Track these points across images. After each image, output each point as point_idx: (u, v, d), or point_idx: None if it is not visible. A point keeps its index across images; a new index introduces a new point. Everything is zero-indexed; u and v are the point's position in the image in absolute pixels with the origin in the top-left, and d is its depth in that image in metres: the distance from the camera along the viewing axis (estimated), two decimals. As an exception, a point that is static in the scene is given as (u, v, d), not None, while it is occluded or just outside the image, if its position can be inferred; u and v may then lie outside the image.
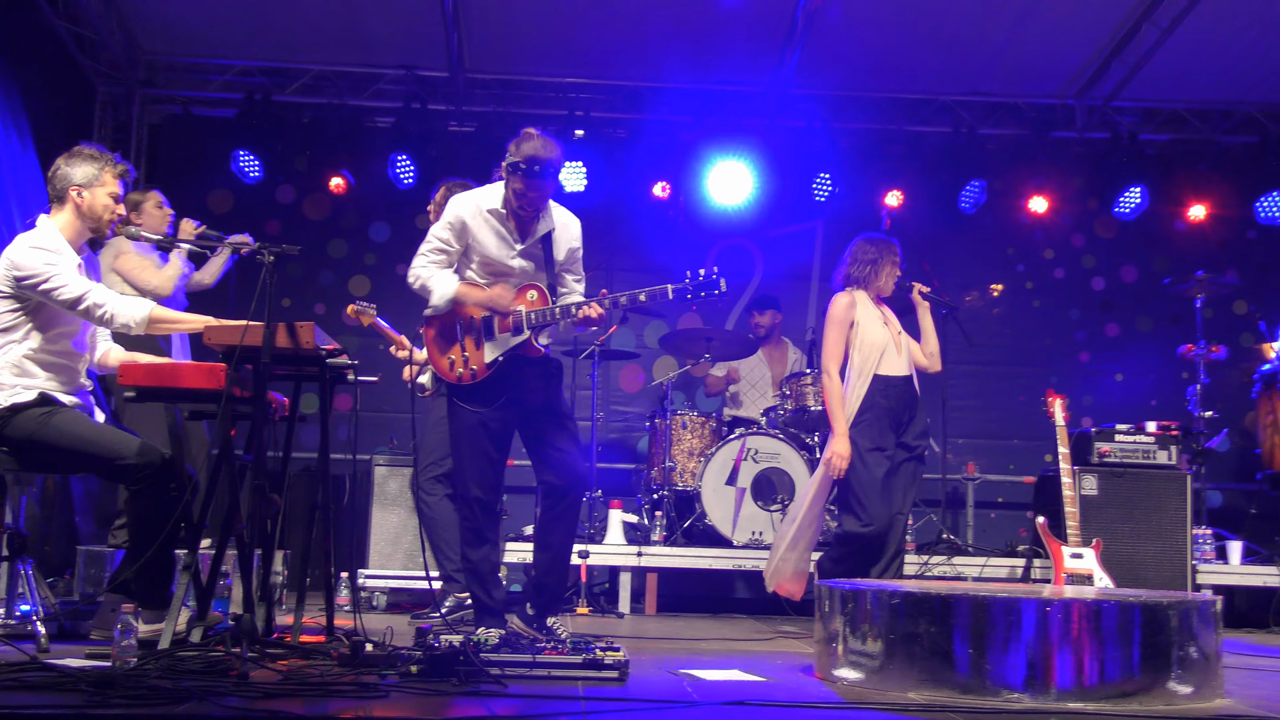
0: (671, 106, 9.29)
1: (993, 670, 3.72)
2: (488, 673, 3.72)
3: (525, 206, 4.77)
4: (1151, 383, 9.41)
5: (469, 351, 4.85)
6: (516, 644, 4.08)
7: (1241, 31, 8.30)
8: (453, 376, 4.85)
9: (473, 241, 4.84)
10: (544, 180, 4.72)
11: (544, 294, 4.88)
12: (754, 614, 7.65)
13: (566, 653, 3.94)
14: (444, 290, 4.81)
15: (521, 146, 4.71)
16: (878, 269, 6.14)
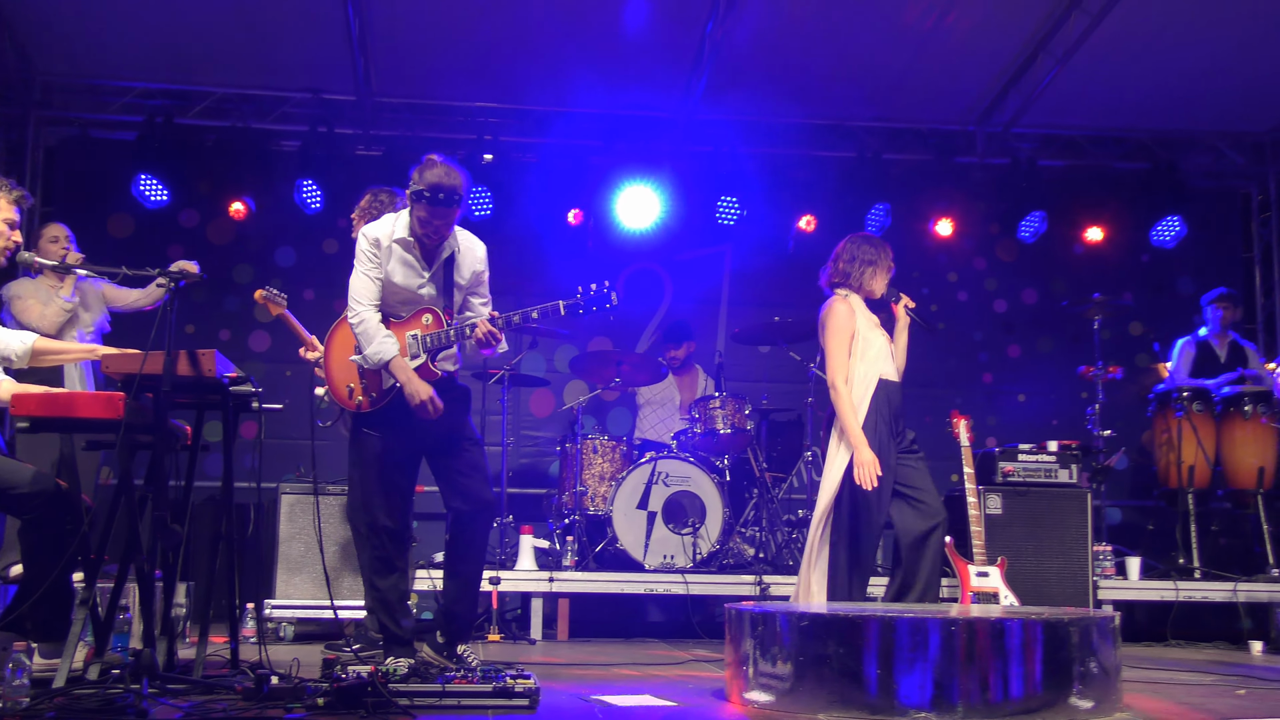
0: (582, 130, 9.31)
1: (901, 690, 3.76)
2: (396, 704, 3.67)
3: (430, 235, 4.74)
4: (1052, 402, 9.62)
5: (367, 378, 4.82)
6: (426, 673, 4.04)
7: (1132, 62, 8.54)
8: (351, 405, 4.81)
9: (384, 271, 4.80)
10: (448, 208, 4.68)
11: (439, 317, 4.85)
12: (667, 638, 7.64)
13: (476, 681, 3.91)
14: (380, 354, 4.71)
15: (425, 174, 4.66)
16: (876, 270, 5.90)
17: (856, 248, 5.92)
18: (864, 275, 5.87)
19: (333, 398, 4.97)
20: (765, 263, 9.60)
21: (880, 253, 5.92)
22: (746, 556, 7.75)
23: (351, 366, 4.83)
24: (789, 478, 8.48)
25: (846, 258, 5.90)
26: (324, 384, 5.96)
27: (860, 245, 5.93)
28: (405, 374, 4.71)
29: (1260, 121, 9.58)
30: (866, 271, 5.88)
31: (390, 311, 4.85)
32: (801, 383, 8.23)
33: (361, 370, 4.80)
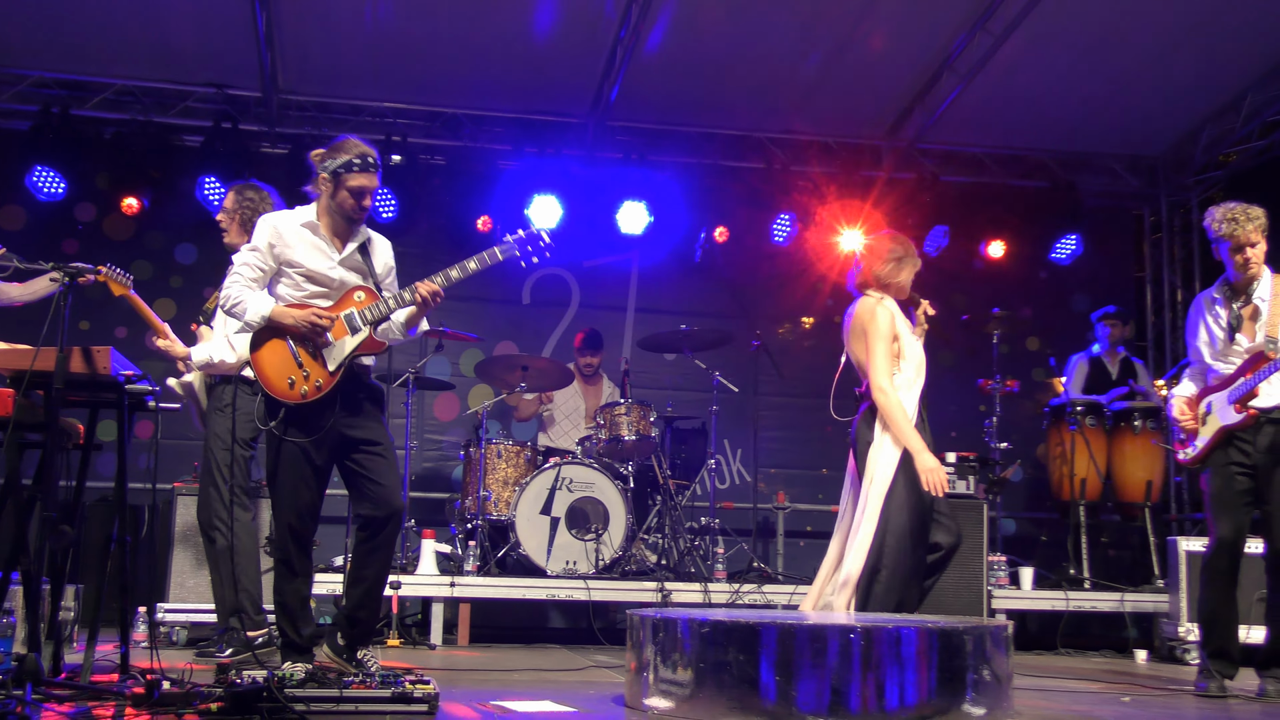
0: (493, 134, 9.29)
1: (799, 696, 3.79)
2: (292, 709, 3.62)
3: (359, 209, 4.71)
4: (951, 415, 9.74)
5: (308, 366, 4.67)
6: (323, 679, 3.98)
7: (1034, 83, 8.74)
8: (295, 395, 4.62)
9: (289, 257, 4.70)
10: (376, 172, 4.71)
11: (372, 292, 4.79)
12: (568, 644, 7.64)
13: (375, 686, 3.87)
14: (258, 308, 4.60)
15: (345, 146, 4.70)
16: (904, 267, 5.49)
17: (883, 245, 5.53)
18: (899, 273, 5.47)
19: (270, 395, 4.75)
20: (672, 271, 9.64)
21: (909, 249, 5.54)
22: (649, 563, 7.78)
23: (289, 357, 4.66)
24: (692, 485, 8.53)
25: (880, 256, 5.49)
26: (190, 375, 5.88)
27: (891, 242, 5.54)
28: (290, 316, 4.62)
29: (1154, 145, 9.86)
30: (893, 269, 5.46)
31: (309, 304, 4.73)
32: (706, 391, 8.28)
33: (299, 359, 4.65)
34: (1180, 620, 7.26)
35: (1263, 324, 5.33)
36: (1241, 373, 5.35)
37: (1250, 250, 5.33)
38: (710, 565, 7.76)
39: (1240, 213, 5.35)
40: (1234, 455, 5.36)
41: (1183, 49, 8.29)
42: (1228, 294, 5.46)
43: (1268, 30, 8.12)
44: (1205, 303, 5.56)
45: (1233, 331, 5.39)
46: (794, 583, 7.68)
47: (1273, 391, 5.29)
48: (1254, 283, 5.39)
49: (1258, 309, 5.36)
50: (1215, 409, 5.43)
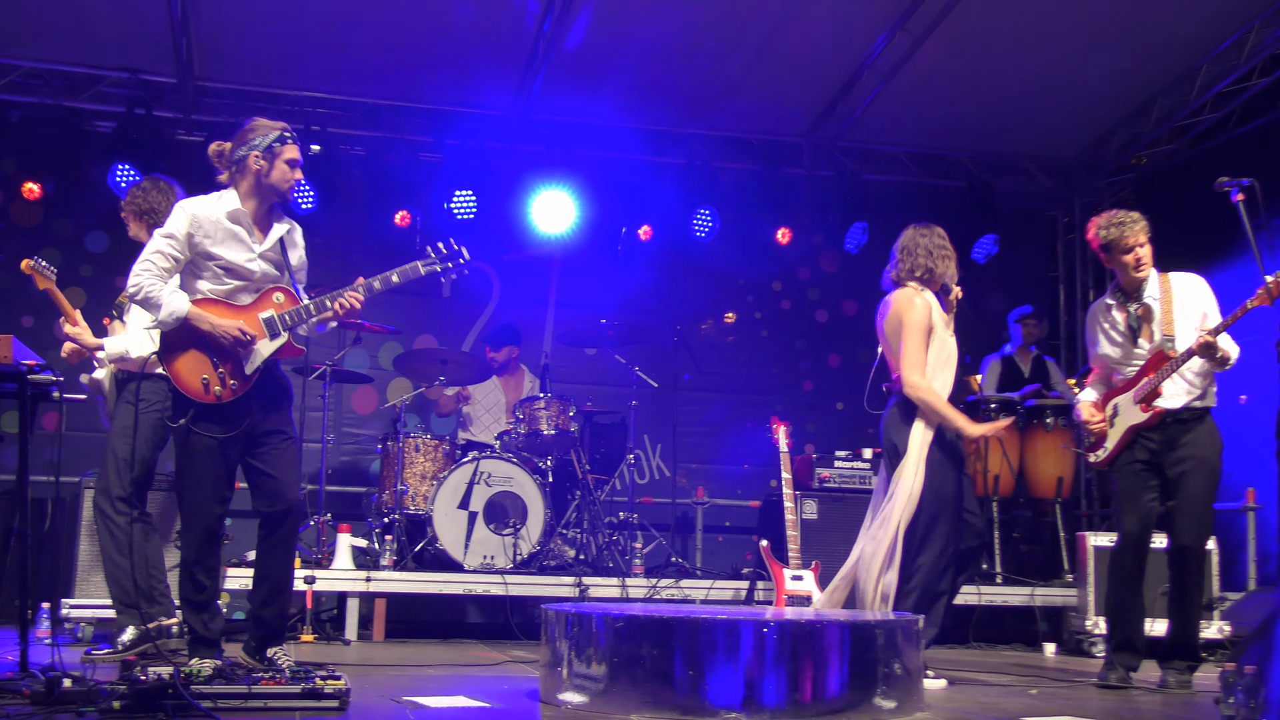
0: (413, 126, 9.19)
1: (712, 691, 3.80)
2: (199, 706, 3.55)
3: (290, 187, 4.70)
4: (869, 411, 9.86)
5: (223, 366, 4.60)
6: (232, 675, 3.92)
7: (951, 84, 8.85)
8: (210, 397, 4.55)
9: (207, 249, 4.60)
10: (303, 152, 4.73)
11: (291, 295, 4.73)
12: (485, 639, 7.61)
13: (285, 683, 3.81)
14: (174, 308, 4.50)
15: (262, 125, 4.71)
16: (949, 258, 5.47)
17: (927, 238, 5.48)
18: (940, 265, 5.45)
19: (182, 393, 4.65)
20: (594, 265, 9.63)
21: (946, 240, 5.54)
22: (567, 558, 7.77)
23: (204, 358, 4.58)
24: (611, 480, 8.54)
25: (922, 250, 5.44)
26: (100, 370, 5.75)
27: (929, 234, 5.50)
28: (208, 321, 4.54)
29: (1068, 147, 10.03)
30: (941, 261, 5.45)
31: (229, 300, 4.66)
32: (626, 386, 8.29)
33: (215, 360, 4.58)
34: (1088, 614, 7.40)
35: (1158, 323, 5.46)
36: (1144, 373, 5.46)
37: (1140, 250, 5.46)
38: (628, 560, 7.77)
39: (1123, 216, 5.50)
40: (1139, 454, 5.48)
41: (1096, 53, 8.44)
42: (1121, 299, 5.59)
43: (1176, 37, 8.30)
44: (1100, 310, 5.68)
45: (1134, 335, 5.52)
46: (712, 578, 7.72)
47: (1175, 390, 5.42)
48: (1143, 284, 5.52)
49: (1150, 309, 5.49)
50: (1121, 409, 5.55)
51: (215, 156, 4.74)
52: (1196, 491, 5.39)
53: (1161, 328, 5.44)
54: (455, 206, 8.89)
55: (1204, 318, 5.42)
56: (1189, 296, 5.48)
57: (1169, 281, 5.53)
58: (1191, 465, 5.37)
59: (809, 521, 7.39)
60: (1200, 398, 5.44)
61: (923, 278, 5.44)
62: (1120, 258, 5.49)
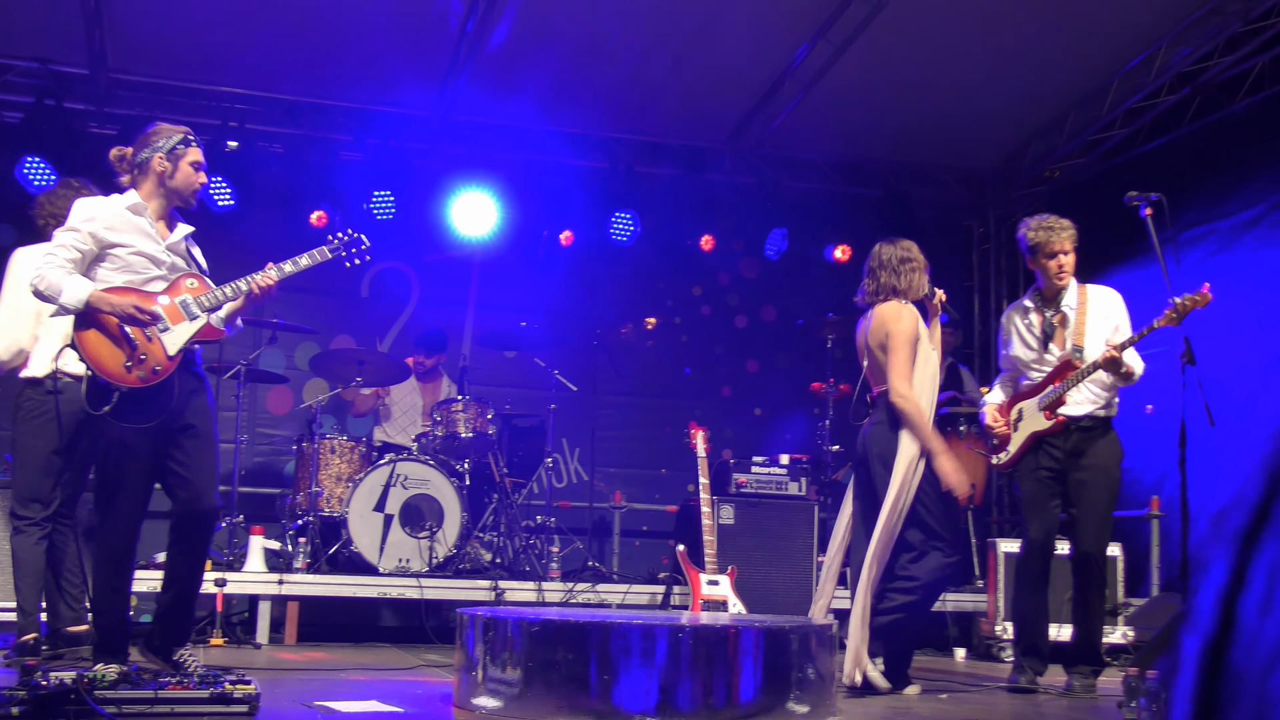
0: (334, 124, 9.09)
1: (627, 695, 3.82)
2: (102, 712, 3.49)
3: (193, 191, 4.66)
4: (786, 417, 9.96)
5: (144, 348, 4.48)
6: (137, 680, 3.84)
7: (871, 94, 8.96)
8: (132, 379, 4.44)
9: (112, 239, 4.52)
10: (221, 151, 4.72)
11: (203, 280, 4.67)
12: (399, 642, 7.55)
13: (192, 687, 3.75)
14: (76, 292, 4.39)
15: (166, 129, 4.68)
16: (921, 270, 5.48)
17: (898, 252, 5.48)
18: (915, 279, 5.45)
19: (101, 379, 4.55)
20: (515, 267, 9.59)
21: (916, 251, 5.52)
22: (483, 561, 7.73)
23: (121, 339, 4.46)
24: (529, 483, 8.52)
25: (893, 265, 5.45)
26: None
27: (900, 248, 5.50)
28: (109, 304, 4.44)
29: (984, 159, 10.20)
30: (915, 275, 5.45)
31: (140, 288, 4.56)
32: (545, 389, 8.28)
33: (134, 343, 4.47)
34: (997, 619, 7.53)
35: (1070, 332, 5.59)
36: (1050, 380, 5.58)
37: (1063, 258, 5.59)
38: (545, 564, 7.76)
39: (1054, 222, 5.61)
40: (1043, 460, 5.60)
41: (1012, 68, 8.59)
42: (1039, 303, 5.71)
43: (1089, 54, 8.48)
44: (1017, 311, 5.79)
45: (1046, 340, 5.64)
46: (628, 582, 7.74)
47: (1080, 399, 5.54)
48: (1063, 291, 5.64)
49: (1066, 317, 5.61)
50: (1026, 415, 5.67)
51: (116, 160, 4.68)
52: (1097, 499, 5.52)
53: (1073, 337, 5.56)
54: (375, 207, 8.79)
55: (1115, 330, 5.55)
56: (1104, 309, 5.62)
57: (1086, 293, 5.65)
58: (1092, 474, 5.50)
59: (726, 526, 7.42)
60: (1104, 407, 5.58)
61: (903, 291, 5.43)
62: (1044, 261, 5.61)
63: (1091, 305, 5.62)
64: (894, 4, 7.65)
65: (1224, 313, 7.88)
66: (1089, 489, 5.51)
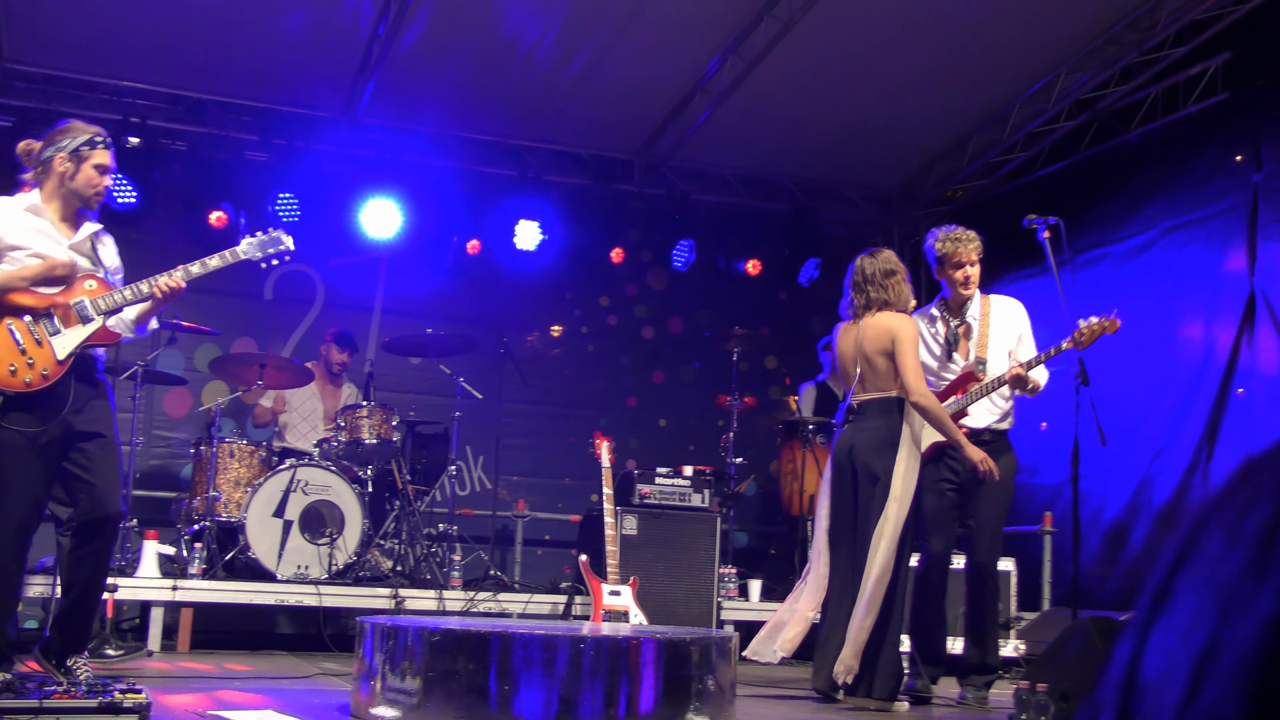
0: (240, 124, 8.94)
1: (527, 706, 3.81)
2: (-16, 721, 3.39)
3: (103, 188, 4.55)
4: (691, 429, 10.01)
5: (33, 353, 4.37)
6: (21, 689, 3.75)
7: (781, 110, 9.07)
8: (18, 383, 4.31)
9: (10, 244, 4.41)
10: (115, 154, 4.58)
11: (104, 282, 4.56)
12: (296, 650, 7.44)
13: (80, 696, 3.66)
14: None
15: (75, 128, 4.56)
16: (904, 281, 5.54)
17: (881, 265, 5.53)
18: (903, 289, 5.52)
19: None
20: (422, 274, 9.53)
21: (896, 261, 5.58)
22: (384, 569, 7.66)
23: (9, 343, 4.33)
24: (433, 491, 8.45)
25: (879, 279, 5.49)
26: None
27: (881, 261, 5.55)
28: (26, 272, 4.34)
29: (890, 178, 10.37)
30: (901, 286, 5.51)
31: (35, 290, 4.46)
32: (450, 396, 8.23)
33: (22, 345, 4.35)
34: (894, 631, 7.61)
35: (974, 343, 5.70)
36: (952, 391, 5.69)
37: (969, 269, 5.70)
38: (447, 572, 7.70)
39: (961, 233, 5.73)
40: (944, 472, 5.69)
41: (918, 89, 8.75)
42: (945, 312, 5.82)
43: (992, 78, 8.67)
44: (923, 319, 5.86)
45: (950, 349, 5.75)
46: (530, 592, 7.71)
47: (980, 411, 5.66)
48: (968, 302, 5.76)
49: (970, 327, 5.73)
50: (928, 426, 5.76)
51: (24, 154, 4.57)
52: (992, 513, 5.63)
53: (976, 349, 5.68)
54: (280, 209, 8.68)
55: (1018, 340, 5.69)
56: (1007, 320, 5.74)
57: (990, 304, 5.77)
58: (990, 487, 5.60)
59: (629, 537, 7.43)
60: (1002, 419, 5.70)
61: (893, 303, 5.47)
62: (951, 272, 5.72)
63: (995, 316, 5.75)
64: (804, 24, 7.75)
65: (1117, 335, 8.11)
66: (986, 502, 5.62)
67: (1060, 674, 4.84)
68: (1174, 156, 8.10)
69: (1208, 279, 7.65)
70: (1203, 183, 7.83)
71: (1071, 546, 5.65)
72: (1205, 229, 7.74)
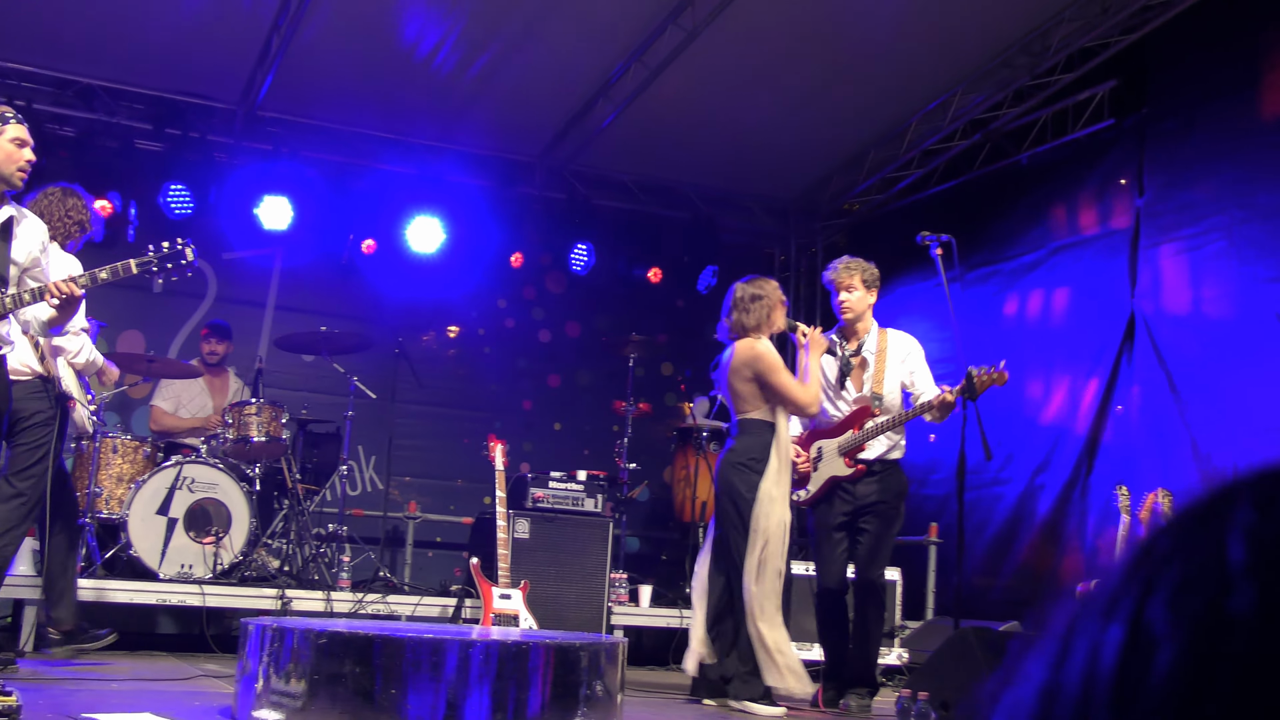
0: (131, 111, 8.71)
1: (414, 710, 3.77)
2: None
3: (27, 163, 4.40)
4: (586, 433, 10.01)
5: None
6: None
7: (682, 119, 9.11)
8: None
9: None
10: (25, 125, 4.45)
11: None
12: (177, 651, 7.28)
13: (-53, 698, 3.56)
14: None
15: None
16: (778, 308, 5.73)
17: (750, 290, 5.73)
18: (765, 315, 5.68)
19: None
20: (317, 271, 9.38)
21: (776, 290, 5.77)
22: (271, 569, 7.53)
23: None
24: (323, 490, 8.34)
25: (745, 303, 5.70)
26: None
27: (753, 287, 5.74)
28: None
29: (788, 190, 10.48)
30: (764, 312, 5.68)
31: None
32: (343, 395, 8.13)
33: None
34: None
35: (869, 377, 5.81)
36: (848, 424, 5.79)
37: (845, 295, 5.82)
38: (335, 574, 7.60)
39: (848, 261, 5.89)
40: (837, 506, 5.82)
41: (817, 102, 8.86)
42: (841, 339, 5.92)
43: (890, 94, 8.82)
44: None
45: (843, 377, 5.85)
46: (420, 594, 7.64)
47: (874, 442, 5.77)
48: (863, 334, 5.87)
49: (866, 361, 5.84)
50: (825, 455, 5.86)
51: None
52: (881, 533, 5.76)
53: (872, 383, 5.78)
54: (172, 201, 8.49)
55: (911, 375, 5.81)
56: (901, 356, 5.86)
57: (887, 338, 5.88)
58: (880, 509, 5.73)
59: (520, 540, 7.41)
60: (892, 449, 5.83)
61: (753, 328, 5.66)
62: (835, 299, 5.85)
63: (891, 351, 5.86)
64: (708, 34, 7.81)
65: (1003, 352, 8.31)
66: (875, 523, 5.75)
67: (941, 682, 4.95)
68: (1062, 179, 8.34)
69: (1092, 299, 7.88)
70: (1089, 205, 8.06)
71: (956, 557, 5.78)
72: (1090, 250, 7.97)
